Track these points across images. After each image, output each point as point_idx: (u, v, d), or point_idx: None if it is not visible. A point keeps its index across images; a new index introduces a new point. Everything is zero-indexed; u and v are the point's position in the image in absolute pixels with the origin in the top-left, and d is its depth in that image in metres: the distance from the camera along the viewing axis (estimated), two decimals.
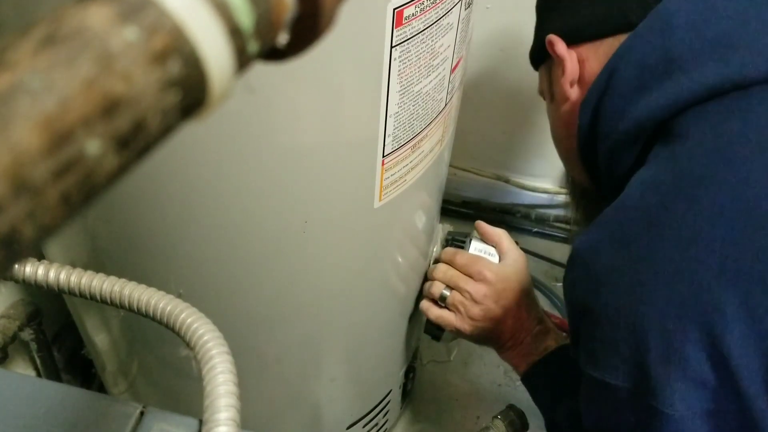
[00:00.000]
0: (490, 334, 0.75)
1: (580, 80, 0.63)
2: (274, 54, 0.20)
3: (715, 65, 0.50)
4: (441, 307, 0.77)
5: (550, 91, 0.70)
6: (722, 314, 0.43)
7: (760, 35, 0.51)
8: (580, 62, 0.63)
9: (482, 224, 0.82)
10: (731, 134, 0.48)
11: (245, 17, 0.17)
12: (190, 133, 0.25)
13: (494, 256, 0.79)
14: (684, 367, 0.45)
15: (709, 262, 0.44)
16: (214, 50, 0.16)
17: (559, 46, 0.63)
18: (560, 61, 0.64)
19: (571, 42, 0.63)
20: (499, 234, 0.80)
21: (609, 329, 0.49)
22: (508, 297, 0.75)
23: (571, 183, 0.78)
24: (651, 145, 0.55)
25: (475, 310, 0.74)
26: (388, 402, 0.92)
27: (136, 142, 0.15)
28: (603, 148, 0.60)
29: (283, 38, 0.19)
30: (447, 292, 0.76)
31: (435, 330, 0.81)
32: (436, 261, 0.80)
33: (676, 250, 0.46)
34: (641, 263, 0.48)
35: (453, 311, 0.76)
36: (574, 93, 0.64)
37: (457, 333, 0.77)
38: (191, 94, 0.16)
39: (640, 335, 0.47)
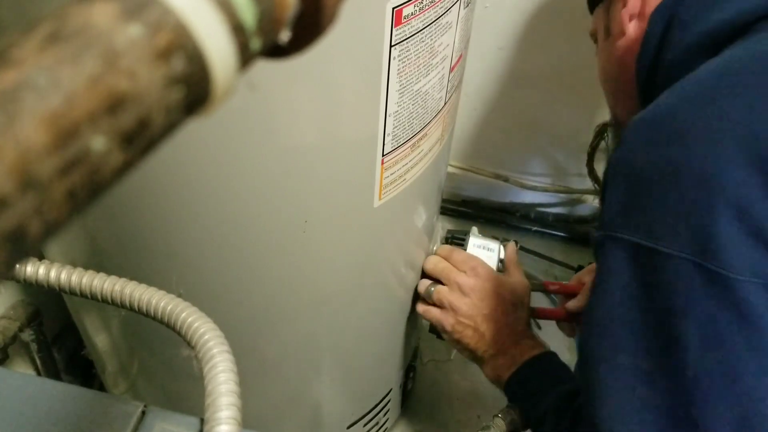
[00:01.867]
0: (471, 335, 0.74)
1: (641, 15, 0.62)
2: (276, 51, 0.20)
3: None
4: (430, 303, 0.78)
5: (606, 28, 0.69)
6: None
7: None
8: None
9: (512, 246, 0.83)
10: None
11: (248, 14, 0.17)
12: (190, 132, 0.25)
13: (493, 251, 0.79)
14: (757, 227, 0.43)
15: None
16: (218, 47, 0.16)
17: None
18: None
19: None
20: (516, 261, 0.81)
21: (678, 189, 0.46)
22: (496, 300, 0.74)
23: (616, 127, 0.76)
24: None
25: (460, 303, 0.74)
26: (389, 401, 0.92)
27: (141, 139, 0.15)
28: (674, 56, 0.58)
29: (285, 36, 0.20)
30: (433, 288, 0.76)
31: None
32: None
33: (756, 108, 0.44)
34: (719, 119, 0.45)
35: (438, 306, 0.76)
36: (632, 27, 0.63)
37: (440, 327, 0.77)
38: (195, 91, 0.16)
39: (714, 191, 0.44)
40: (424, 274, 0.79)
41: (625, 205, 0.50)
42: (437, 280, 0.77)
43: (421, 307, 0.78)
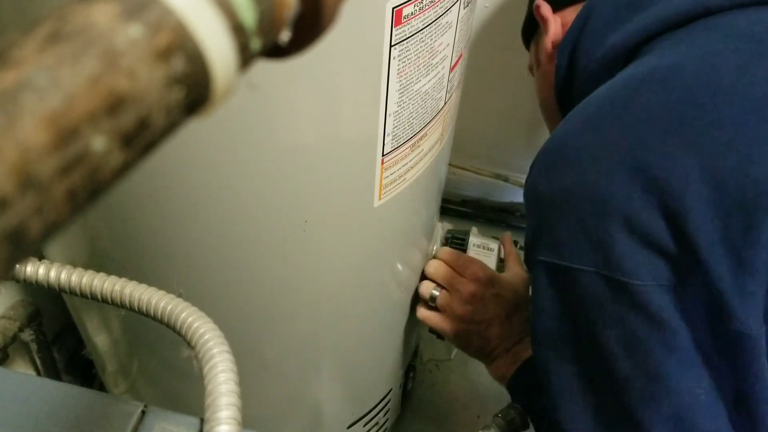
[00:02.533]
0: (476, 340, 0.74)
1: (555, 47, 0.67)
2: (276, 51, 0.20)
3: None
4: (431, 307, 0.77)
5: (537, 60, 0.73)
6: (684, 179, 0.45)
7: None
8: (564, 26, 0.67)
9: (508, 236, 0.85)
10: (705, 39, 0.51)
11: (248, 14, 0.17)
12: (190, 132, 0.25)
13: (493, 251, 0.79)
14: (647, 235, 0.46)
15: (676, 132, 0.46)
16: (218, 47, 0.16)
17: (545, 8, 0.68)
18: (545, 24, 0.68)
19: (557, 7, 0.68)
20: (515, 254, 0.81)
21: (576, 210, 0.50)
22: (498, 303, 0.74)
23: None
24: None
25: (462, 311, 0.73)
26: (389, 401, 0.92)
27: (141, 139, 0.15)
28: (580, 83, 0.62)
29: (285, 36, 0.20)
30: (436, 292, 0.76)
31: None
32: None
33: (643, 125, 0.47)
34: (609, 139, 0.49)
35: (440, 311, 0.76)
36: (545, 59, 0.68)
37: (443, 333, 0.77)
38: (195, 91, 0.16)
39: (606, 208, 0.48)
40: (425, 277, 0.78)
41: (536, 229, 0.54)
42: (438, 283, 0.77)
43: (421, 314, 0.78)
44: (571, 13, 0.67)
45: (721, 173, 0.44)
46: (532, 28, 0.74)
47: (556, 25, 0.67)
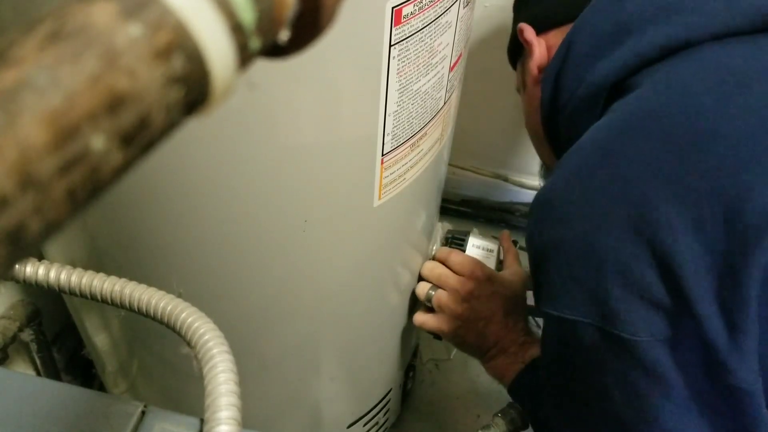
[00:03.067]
0: (473, 337, 0.74)
1: (540, 71, 0.66)
2: (275, 51, 0.20)
3: (663, 27, 0.53)
4: (428, 308, 0.77)
5: (523, 82, 0.73)
6: (672, 231, 0.44)
7: (705, 0, 0.53)
8: (548, 49, 0.66)
9: (506, 234, 0.85)
10: (683, 76, 0.51)
11: (247, 14, 0.17)
12: (190, 131, 0.25)
13: (493, 252, 0.79)
14: (641, 289, 0.46)
15: (660, 183, 0.45)
16: (217, 47, 0.16)
17: (528, 32, 0.67)
18: (529, 47, 0.67)
19: (540, 30, 0.67)
20: (513, 252, 0.81)
21: (567, 263, 0.50)
22: (496, 302, 0.74)
23: (545, 170, 0.81)
24: (608, 108, 0.56)
25: (460, 309, 0.73)
26: (389, 401, 0.92)
27: (141, 138, 0.15)
28: (563, 118, 0.62)
29: (284, 35, 0.20)
30: (433, 292, 0.76)
31: None
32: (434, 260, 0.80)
33: (629, 176, 0.47)
34: (596, 192, 0.49)
35: (437, 311, 0.76)
36: (531, 85, 0.67)
37: (441, 334, 0.77)
38: (194, 90, 0.16)
39: (598, 262, 0.48)
40: (422, 278, 0.78)
41: (536, 279, 0.55)
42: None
43: (418, 320, 0.78)
44: (555, 37, 0.66)
45: (705, 225, 0.43)
46: (518, 48, 0.73)
47: (540, 48, 0.66)
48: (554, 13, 0.66)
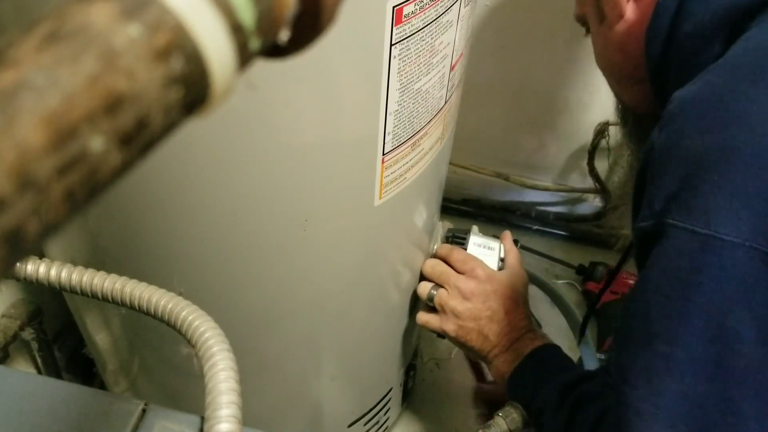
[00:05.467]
0: (475, 338, 0.74)
1: None
2: (275, 51, 0.20)
3: None
4: (430, 307, 0.77)
5: (597, 11, 0.64)
6: None
7: None
8: None
9: (507, 234, 0.83)
10: None
11: (247, 14, 0.17)
12: (190, 132, 0.25)
13: (494, 250, 0.79)
14: None
15: None
16: (216, 47, 0.16)
17: None
18: None
19: None
20: (515, 251, 0.81)
21: (740, 172, 0.43)
22: (497, 300, 0.73)
23: (623, 111, 0.72)
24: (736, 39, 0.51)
25: (461, 308, 0.73)
26: (389, 400, 0.92)
27: (140, 139, 0.15)
28: (692, 29, 0.55)
29: (284, 35, 0.20)
30: (434, 291, 0.76)
31: None
32: (435, 257, 0.80)
33: None
34: None
35: (439, 311, 0.75)
36: (630, 9, 0.59)
37: (444, 334, 0.76)
38: (194, 91, 0.16)
39: None
40: (423, 277, 0.78)
41: (679, 191, 0.46)
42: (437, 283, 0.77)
43: (421, 319, 0.77)
44: None
45: None
46: None
47: None
48: None
